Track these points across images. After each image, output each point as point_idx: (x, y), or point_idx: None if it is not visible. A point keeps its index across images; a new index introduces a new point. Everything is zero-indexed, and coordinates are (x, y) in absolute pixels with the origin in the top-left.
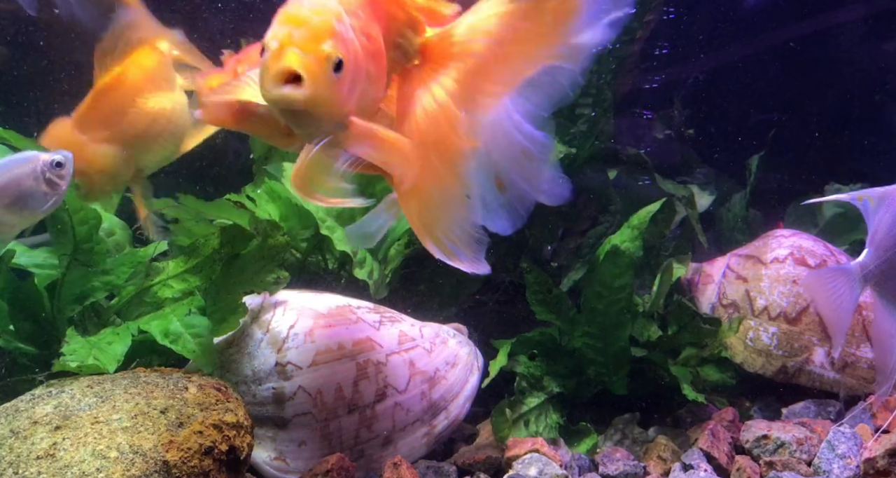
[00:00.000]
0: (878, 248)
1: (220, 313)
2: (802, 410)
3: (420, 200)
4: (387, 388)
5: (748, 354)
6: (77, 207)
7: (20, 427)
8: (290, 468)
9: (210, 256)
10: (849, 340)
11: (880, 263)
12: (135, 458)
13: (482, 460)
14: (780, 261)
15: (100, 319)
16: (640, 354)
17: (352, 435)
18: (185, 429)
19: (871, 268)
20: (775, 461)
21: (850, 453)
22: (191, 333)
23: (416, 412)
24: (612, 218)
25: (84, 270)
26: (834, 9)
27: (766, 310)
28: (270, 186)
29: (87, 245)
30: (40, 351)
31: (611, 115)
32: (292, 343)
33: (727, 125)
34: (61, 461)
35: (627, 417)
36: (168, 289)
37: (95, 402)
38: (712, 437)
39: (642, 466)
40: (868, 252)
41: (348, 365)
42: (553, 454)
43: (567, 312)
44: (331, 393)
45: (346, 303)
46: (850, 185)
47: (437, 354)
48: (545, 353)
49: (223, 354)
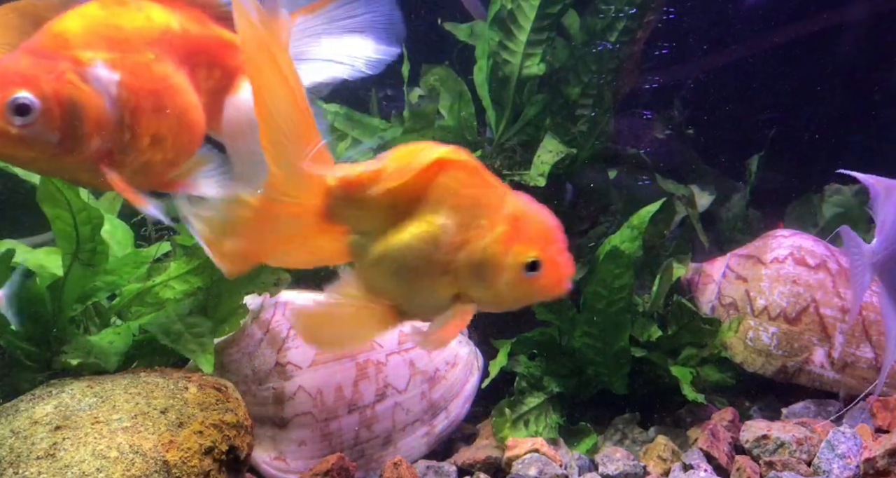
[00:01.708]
0: (886, 238)
1: (221, 314)
2: (802, 410)
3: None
4: (387, 388)
5: (748, 354)
6: (80, 206)
7: (20, 427)
8: (290, 468)
9: None
10: (849, 340)
11: (887, 253)
12: (135, 458)
13: (482, 460)
14: (780, 261)
15: (101, 319)
16: (640, 354)
17: (352, 435)
18: (186, 429)
19: (880, 256)
20: (775, 461)
21: (850, 453)
22: (192, 333)
23: (416, 412)
24: (612, 218)
25: (86, 269)
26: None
27: (766, 310)
28: None
29: (90, 245)
30: (41, 351)
31: (611, 115)
32: (292, 343)
33: (727, 125)
34: (61, 461)
35: (627, 417)
36: (170, 290)
37: (95, 402)
38: (712, 437)
39: (642, 466)
40: (877, 240)
41: (348, 365)
42: (553, 454)
43: (567, 312)
44: (331, 393)
45: None
46: (850, 185)
47: (437, 354)
48: (545, 353)
49: (223, 354)
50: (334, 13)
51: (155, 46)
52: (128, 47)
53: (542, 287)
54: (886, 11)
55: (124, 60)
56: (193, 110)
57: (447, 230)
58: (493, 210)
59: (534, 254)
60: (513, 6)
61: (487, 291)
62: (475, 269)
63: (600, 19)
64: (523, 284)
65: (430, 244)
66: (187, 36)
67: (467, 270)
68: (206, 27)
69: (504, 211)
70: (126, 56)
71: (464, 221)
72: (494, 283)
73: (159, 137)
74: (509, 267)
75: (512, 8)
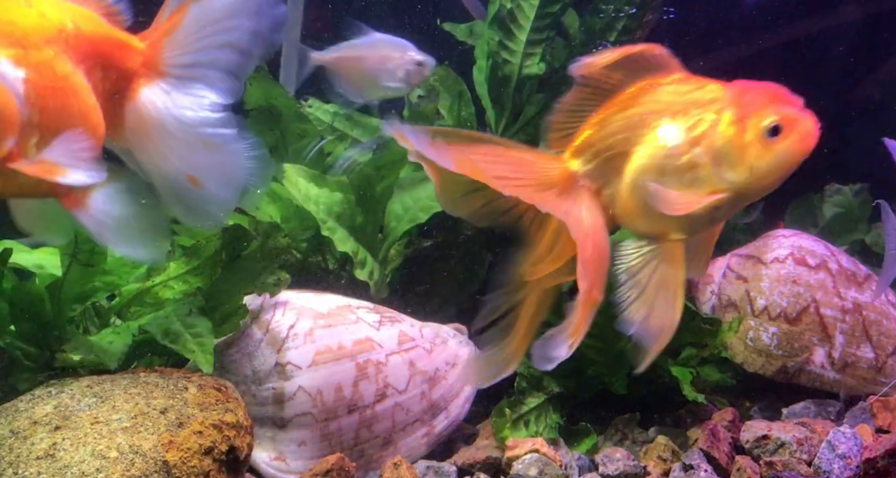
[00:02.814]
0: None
1: (220, 314)
2: (802, 410)
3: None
4: (387, 388)
5: (748, 354)
6: None
7: (20, 427)
8: (290, 468)
9: (211, 258)
10: (849, 340)
11: None
12: (135, 458)
13: (482, 460)
14: (780, 261)
15: (101, 319)
16: None
17: (352, 435)
18: (185, 429)
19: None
20: (775, 461)
21: (850, 453)
22: (191, 334)
23: (416, 412)
24: None
25: (85, 270)
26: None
27: (767, 310)
28: (271, 187)
29: (88, 245)
30: (41, 351)
31: None
32: (292, 343)
33: None
34: (61, 461)
35: (627, 417)
36: (169, 290)
37: (95, 402)
38: (712, 437)
39: (642, 466)
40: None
41: (348, 365)
42: (553, 454)
43: None
44: (331, 393)
45: (346, 303)
46: (850, 185)
47: (437, 354)
48: None
49: (223, 354)
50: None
51: (53, 44)
52: (27, 44)
53: (792, 145)
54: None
55: (27, 57)
56: (94, 112)
57: (674, 140)
58: (712, 102)
59: (769, 118)
60: (512, 6)
61: (742, 174)
62: (721, 160)
63: (600, 19)
64: (772, 151)
65: (663, 159)
66: (82, 35)
67: (714, 165)
68: (100, 26)
69: (725, 96)
70: (28, 53)
71: (687, 125)
72: (744, 163)
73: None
74: (751, 142)
75: (512, 7)
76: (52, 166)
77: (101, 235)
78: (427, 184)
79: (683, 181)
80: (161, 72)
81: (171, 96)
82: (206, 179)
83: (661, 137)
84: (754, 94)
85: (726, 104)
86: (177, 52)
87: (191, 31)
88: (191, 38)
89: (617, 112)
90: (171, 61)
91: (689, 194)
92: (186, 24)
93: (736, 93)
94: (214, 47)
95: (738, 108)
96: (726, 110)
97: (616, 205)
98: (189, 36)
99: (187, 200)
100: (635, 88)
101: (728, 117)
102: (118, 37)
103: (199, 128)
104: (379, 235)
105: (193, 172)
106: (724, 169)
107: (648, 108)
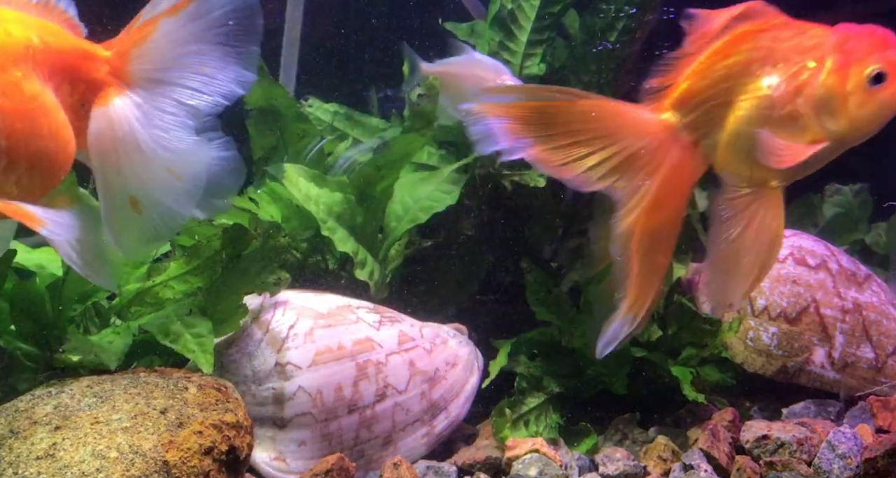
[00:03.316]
0: None
1: (220, 314)
2: (802, 410)
3: None
4: (387, 388)
5: (748, 354)
6: None
7: (20, 427)
8: (290, 468)
9: (212, 258)
10: (849, 340)
11: None
12: (135, 458)
13: (482, 460)
14: (780, 261)
15: (101, 319)
16: (641, 354)
17: (352, 435)
18: (185, 429)
19: None
20: (775, 461)
21: (850, 453)
22: (191, 334)
23: (416, 412)
24: None
25: None
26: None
27: (767, 310)
28: (272, 187)
29: None
30: (41, 351)
31: None
32: (292, 343)
33: None
34: (61, 461)
35: (627, 417)
36: (169, 290)
37: (95, 402)
38: (712, 437)
39: (642, 466)
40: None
41: (348, 365)
42: (553, 454)
43: (567, 311)
44: (331, 393)
45: (346, 303)
46: (850, 185)
47: (437, 354)
48: (545, 353)
49: (223, 354)
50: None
51: (20, 64)
52: None
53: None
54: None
55: None
56: (64, 130)
57: (777, 90)
58: (813, 49)
59: (872, 66)
60: (513, 6)
61: (843, 123)
62: (822, 109)
63: (600, 19)
64: (875, 99)
65: (766, 109)
66: (49, 49)
67: (815, 114)
68: (65, 39)
69: (827, 43)
70: None
71: (789, 73)
72: (846, 112)
73: (34, 161)
74: (854, 91)
75: (512, 8)
76: (22, 211)
77: (64, 256)
78: (427, 184)
79: (785, 130)
80: (129, 82)
81: (140, 107)
82: (150, 206)
83: (764, 86)
84: (857, 41)
85: (828, 51)
86: (146, 65)
87: (161, 45)
88: (160, 53)
89: (718, 61)
90: (140, 74)
91: (795, 145)
92: (157, 38)
93: (839, 39)
94: (184, 66)
95: (841, 55)
96: (828, 58)
97: (716, 155)
98: (159, 50)
99: (120, 224)
100: (734, 36)
101: (830, 65)
102: (83, 47)
103: (162, 144)
104: (379, 235)
105: (140, 194)
106: (825, 118)
107: (749, 56)
